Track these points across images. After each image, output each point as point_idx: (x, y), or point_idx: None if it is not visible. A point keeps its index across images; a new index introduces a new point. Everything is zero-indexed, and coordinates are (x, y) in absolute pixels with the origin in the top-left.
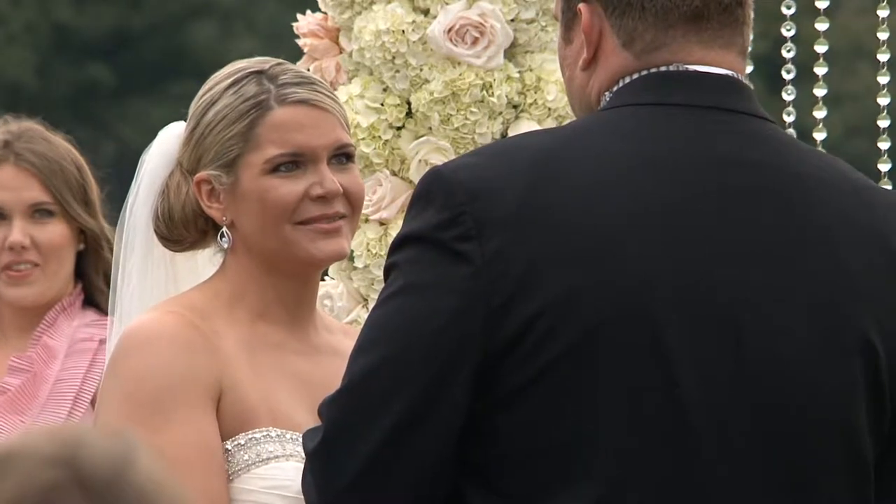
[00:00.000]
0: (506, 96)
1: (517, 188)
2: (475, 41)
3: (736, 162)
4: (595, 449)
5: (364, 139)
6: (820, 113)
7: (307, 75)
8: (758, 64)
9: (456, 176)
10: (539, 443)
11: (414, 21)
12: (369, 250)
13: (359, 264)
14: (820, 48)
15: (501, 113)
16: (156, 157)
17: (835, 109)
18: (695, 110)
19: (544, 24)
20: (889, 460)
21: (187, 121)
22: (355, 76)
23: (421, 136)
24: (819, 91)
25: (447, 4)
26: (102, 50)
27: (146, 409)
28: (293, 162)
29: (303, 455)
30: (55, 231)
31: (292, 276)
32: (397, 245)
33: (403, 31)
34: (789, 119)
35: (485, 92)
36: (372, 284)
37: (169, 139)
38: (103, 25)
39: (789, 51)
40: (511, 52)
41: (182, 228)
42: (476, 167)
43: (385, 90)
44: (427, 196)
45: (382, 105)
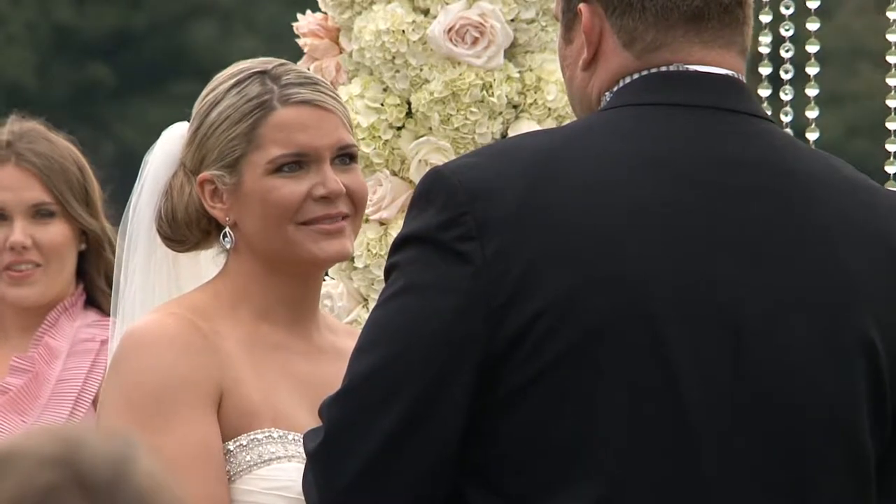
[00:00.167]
0: (506, 96)
1: (517, 188)
2: (475, 41)
3: (736, 162)
4: (595, 449)
5: (364, 139)
6: (812, 113)
7: (311, 76)
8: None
9: (457, 176)
10: (539, 443)
11: (414, 21)
12: (369, 250)
13: (359, 264)
14: (811, 48)
15: (501, 113)
16: (159, 158)
17: (835, 110)
18: (695, 110)
19: (544, 24)
20: (891, 460)
21: (190, 121)
22: (355, 76)
23: (421, 136)
24: (811, 91)
25: (447, 4)
26: (102, 50)
27: (147, 411)
28: (296, 162)
29: (304, 456)
30: (56, 231)
31: (295, 277)
32: (398, 245)
33: (403, 31)
34: (786, 119)
35: (485, 92)
36: (372, 284)
37: (172, 139)
38: (103, 25)
39: (787, 51)
40: (511, 52)
41: (185, 229)
42: (476, 167)
43: (385, 90)
44: (428, 196)
45: (382, 105)
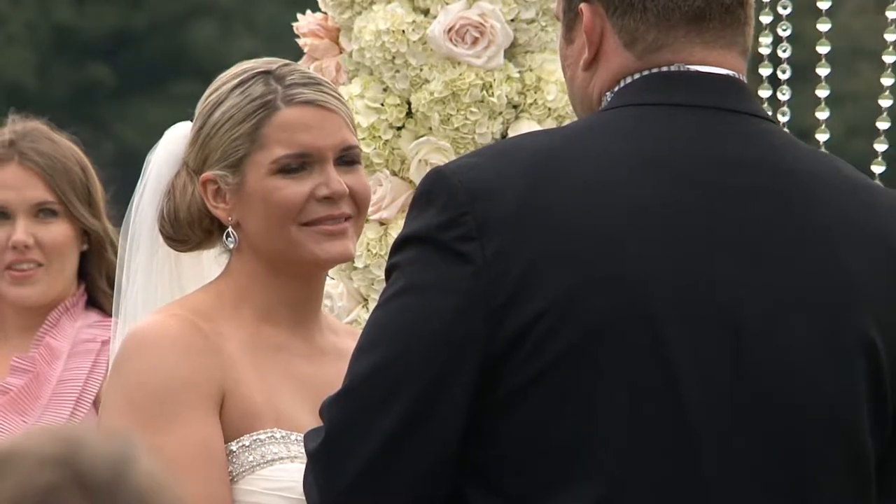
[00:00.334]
0: (506, 96)
1: (518, 188)
2: (475, 41)
3: (737, 162)
4: (595, 449)
5: (364, 139)
6: (823, 114)
7: (314, 76)
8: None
9: (457, 176)
10: (539, 443)
11: (414, 21)
12: (369, 250)
13: (359, 264)
14: (822, 49)
15: (501, 113)
16: (161, 158)
17: (835, 110)
18: (696, 110)
19: (544, 24)
20: (891, 460)
21: (193, 121)
22: (355, 76)
23: (421, 136)
24: (821, 92)
25: (447, 4)
26: (102, 50)
27: (149, 411)
28: (299, 162)
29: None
30: (59, 231)
31: (297, 277)
32: (398, 246)
33: (403, 31)
34: (784, 119)
35: (485, 92)
36: (372, 284)
37: (175, 139)
38: (103, 25)
39: (784, 51)
40: (511, 52)
41: (187, 228)
42: (477, 168)
43: (385, 90)
44: (428, 196)
45: (382, 105)
